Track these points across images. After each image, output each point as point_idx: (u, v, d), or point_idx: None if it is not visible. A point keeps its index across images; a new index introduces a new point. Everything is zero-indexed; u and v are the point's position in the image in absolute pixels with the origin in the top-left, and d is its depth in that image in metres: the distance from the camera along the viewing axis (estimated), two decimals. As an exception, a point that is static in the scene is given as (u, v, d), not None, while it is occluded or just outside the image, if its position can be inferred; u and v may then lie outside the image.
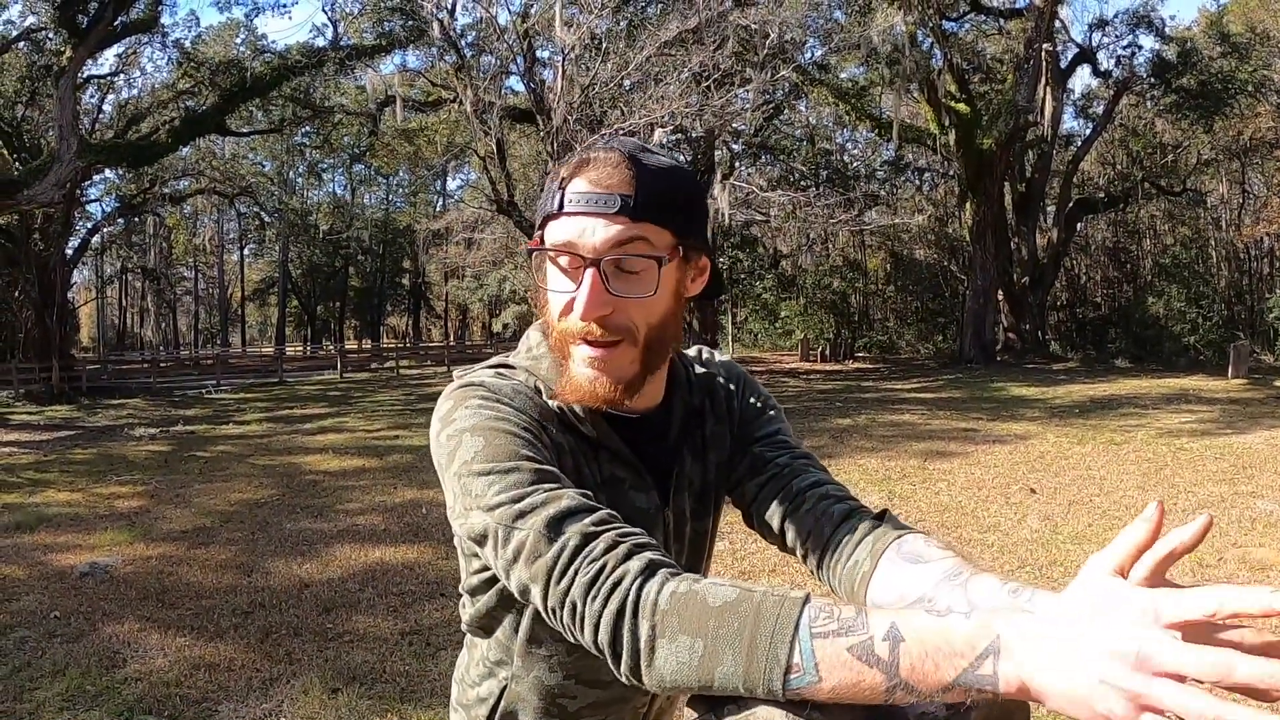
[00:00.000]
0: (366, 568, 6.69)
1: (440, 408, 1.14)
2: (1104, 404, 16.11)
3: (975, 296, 28.69)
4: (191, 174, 36.89)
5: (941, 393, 19.86)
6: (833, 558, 1.15)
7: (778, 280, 36.90)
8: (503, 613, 1.25)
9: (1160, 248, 37.37)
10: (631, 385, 1.16)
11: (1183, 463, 10.02)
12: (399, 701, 4.28)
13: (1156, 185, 33.49)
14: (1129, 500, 8.31)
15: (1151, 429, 12.66)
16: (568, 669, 1.25)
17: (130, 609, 5.70)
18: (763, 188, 25.83)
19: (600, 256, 1.08)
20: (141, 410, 19.86)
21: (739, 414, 1.34)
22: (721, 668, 0.84)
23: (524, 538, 0.98)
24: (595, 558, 0.94)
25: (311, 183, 53.34)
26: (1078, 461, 10.39)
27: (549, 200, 1.12)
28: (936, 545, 1.08)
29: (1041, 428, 13.30)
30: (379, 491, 9.63)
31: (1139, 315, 31.46)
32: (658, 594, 0.90)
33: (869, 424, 14.51)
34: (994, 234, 28.68)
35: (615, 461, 1.20)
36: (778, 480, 1.24)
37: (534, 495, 1.01)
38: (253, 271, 61.04)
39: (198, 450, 13.06)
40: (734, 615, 0.85)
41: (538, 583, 0.97)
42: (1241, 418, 13.53)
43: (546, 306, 1.16)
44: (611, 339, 1.11)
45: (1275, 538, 6.76)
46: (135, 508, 8.93)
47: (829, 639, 0.81)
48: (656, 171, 1.12)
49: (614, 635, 0.90)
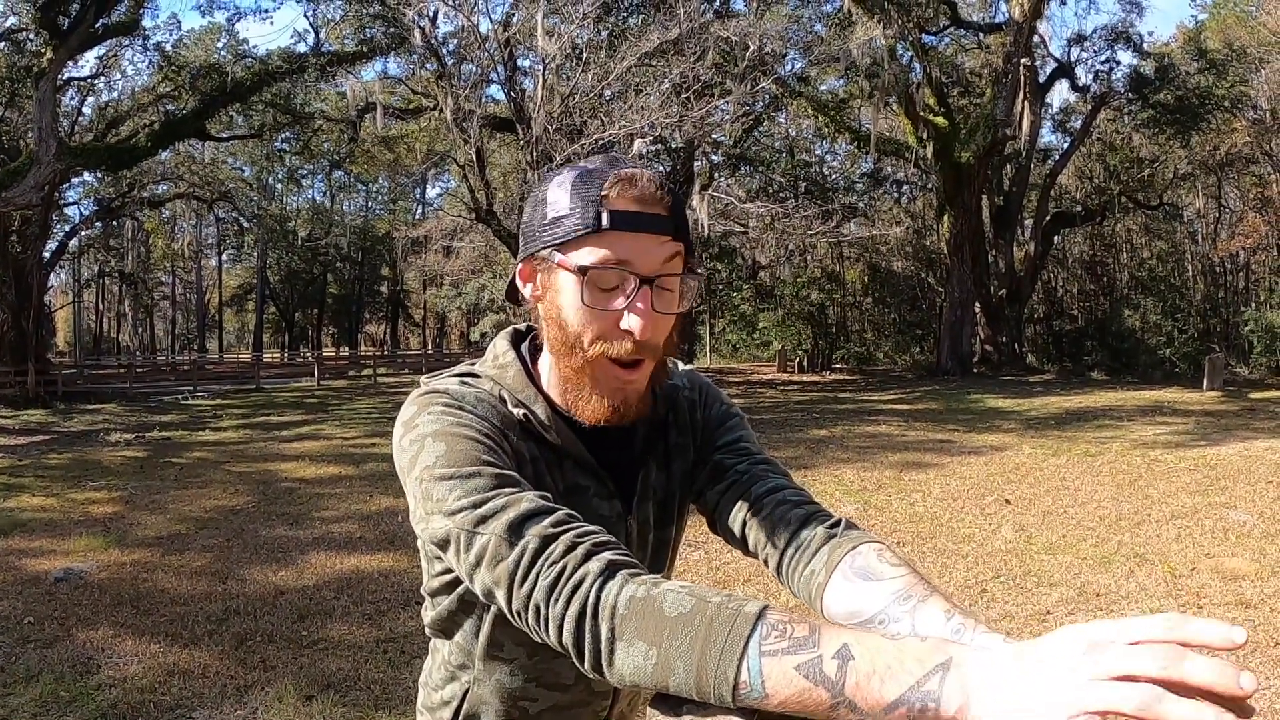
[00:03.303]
0: (341, 575, 6.69)
1: (404, 413, 1.16)
2: (1080, 416, 16.25)
3: (952, 309, 28.88)
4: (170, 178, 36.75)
5: (918, 404, 19.97)
6: (791, 564, 1.17)
7: (756, 291, 37.04)
8: (463, 616, 1.28)
9: (1136, 261, 37.73)
10: (645, 400, 1.20)
11: (1157, 474, 10.12)
12: (373, 709, 4.29)
13: (1133, 199, 33.79)
14: (1103, 511, 8.40)
15: (1126, 440, 12.78)
16: (528, 672, 1.28)
17: (104, 615, 5.68)
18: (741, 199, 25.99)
19: (653, 275, 1.11)
20: (117, 416, 19.72)
21: (702, 424, 1.36)
22: (674, 677, 0.87)
23: (486, 542, 1.01)
24: (555, 560, 0.97)
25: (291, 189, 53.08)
26: (1053, 473, 10.48)
27: (574, 217, 1.10)
28: (889, 560, 1.10)
29: (1017, 439, 13.40)
30: (355, 499, 9.62)
31: (1115, 328, 31.73)
32: (616, 597, 0.92)
33: (845, 435, 14.57)
34: (971, 246, 28.89)
35: (579, 470, 1.22)
36: (738, 486, 1.27)
37: (494, 500, 1.03)
38: (231, 277, 60.70)
39: (173, 456, 12.98)
40: (687, 629, 0.87)
41: (501, 586, 1.00)
42: (1216, 430, 13.68)
43: (563, 329, 1.15)
44: (639, 358, 1.14)
45: (1248, 548, 6.86)
46: (110, 513, 8.88)
47: (778, 657, 0.83)
48: (677, 194, 1.15)
49: (577, 636, 0.93)
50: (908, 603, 1.03)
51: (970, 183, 28.05)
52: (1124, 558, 6.76)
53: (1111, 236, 37.86)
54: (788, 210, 26.72)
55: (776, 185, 31.13)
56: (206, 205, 42.31)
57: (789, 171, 32.46)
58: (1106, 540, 7.32)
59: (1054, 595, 5.90)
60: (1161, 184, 33.77)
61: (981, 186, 29.51)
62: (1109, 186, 33.65)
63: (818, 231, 26.40)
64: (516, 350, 1.27)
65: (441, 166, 38.86)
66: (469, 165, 23.46)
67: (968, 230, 28.65)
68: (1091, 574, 6.39)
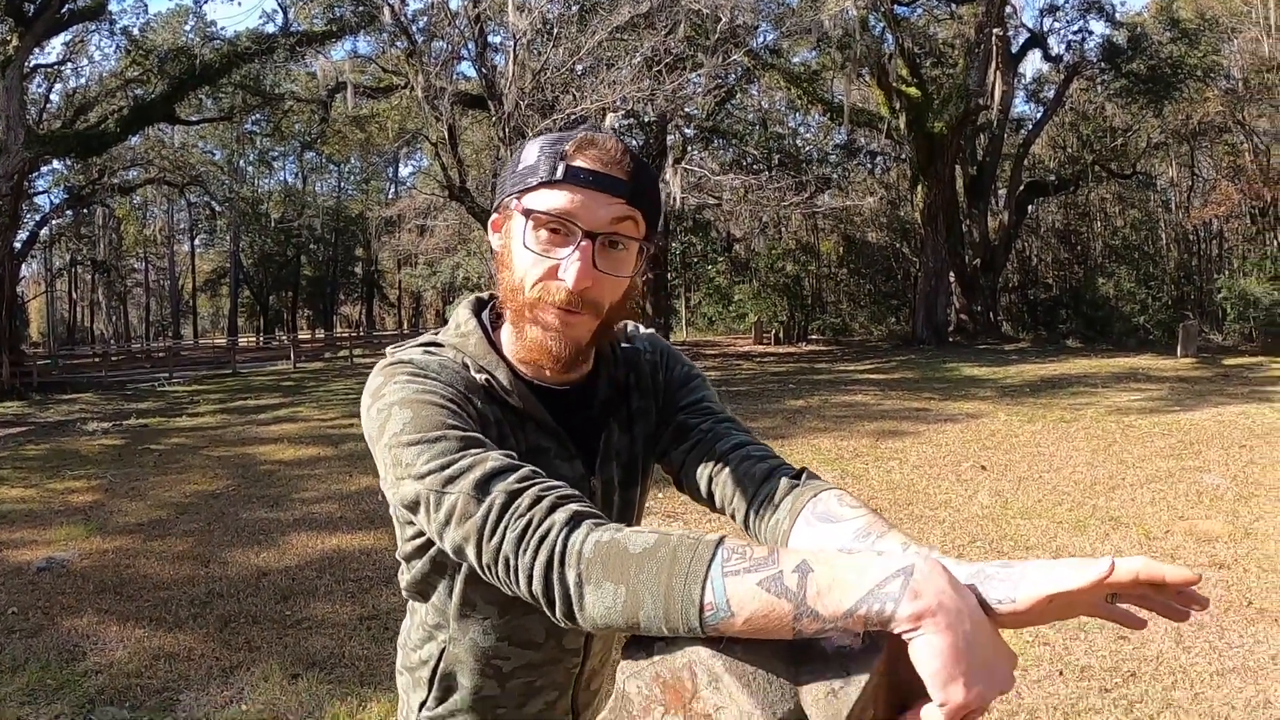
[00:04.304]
0: (323, 555, 6.72)
1: (371, 384, 1.20)
2: (1054, 383, 16.38)
3: (927, 278, 29.00)
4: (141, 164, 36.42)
5: (894, 373, 20.06)
6: (757, 515, 1.21)
7: (731, 264, 37.11)
8: (436, 578, 1.31)
9: (1110, 230, 37.91)
10: (581, 353, 1.23)
11: (1131, 439, 10.23)
12: (358, 685, 4.35)
13: (1106, 168, 33.95)
14: (1079, 476, 8.51)
15: (1101, 407, 12.90)
16: (500, 631, 1.31)
17: (88, 602, 5.69)
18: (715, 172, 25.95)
19: (598, 231, 1.15)
20: (94, 405, 19.60)
21: (664, 386, 1.40)
22: (644, 610, 0.90)
23: (454, 501, 1.04)
24: (522, 513, 1.00)
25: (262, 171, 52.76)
26: (1028, 439, 10.59)
27: (538, 168, 1.17)
28: (849, 503, 1.14)
29: (993, 406, 13.51)
30: (334, 480, 9.63)
31: (1089, 296, 31.93)
32: (582, 543, 0.95)
33: (822, 405, 14.66)
34: (945, 216, 29.00)
35: (541, 432, 1.25)
36: (703, 445, 1.31)
37: (461, 460, 1.06)
38: (204, 262, 60.20)
39: (151, 443, 12.93)
40: (652, 561, 0.90)
41: (470, 542, 1.03)
42: (1189, 395, 13.81)
43: (510, 271, 1.21)
44: (581, 311, 1.18)
45: (1221, 511, 6.97)
46: (90, 502, 8.86)
47: (740, 576, 0.86)
48: (645, 166, 1.21)
49: (546, 585, 0.96)
50: (867, 539, 1.07)
51: (944, 153, 28.11)
52: (1099, 521, 6.87)
53: (1085, 205, 38.05)
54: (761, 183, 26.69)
55: (750, 158, 31.08)
56: (178, 190, 42.00)
57: (762, 144, 32.44)
58: (1082, 504, 7.43)
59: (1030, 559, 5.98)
60: (1135, 153, 33.95)
61: (955, 157, 29.58)
62: (1082, 156, 33.80)
63: (791, 203, 26.40)
64: (478, 318, 1.31)
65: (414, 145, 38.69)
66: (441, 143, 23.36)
67: (941, 200, 28.74)
68: (1067, 537, 6.49)
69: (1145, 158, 34.53)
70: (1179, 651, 4.46)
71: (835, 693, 0.83)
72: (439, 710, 1.39)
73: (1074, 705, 3.97)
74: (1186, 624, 4.74)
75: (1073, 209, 38.58)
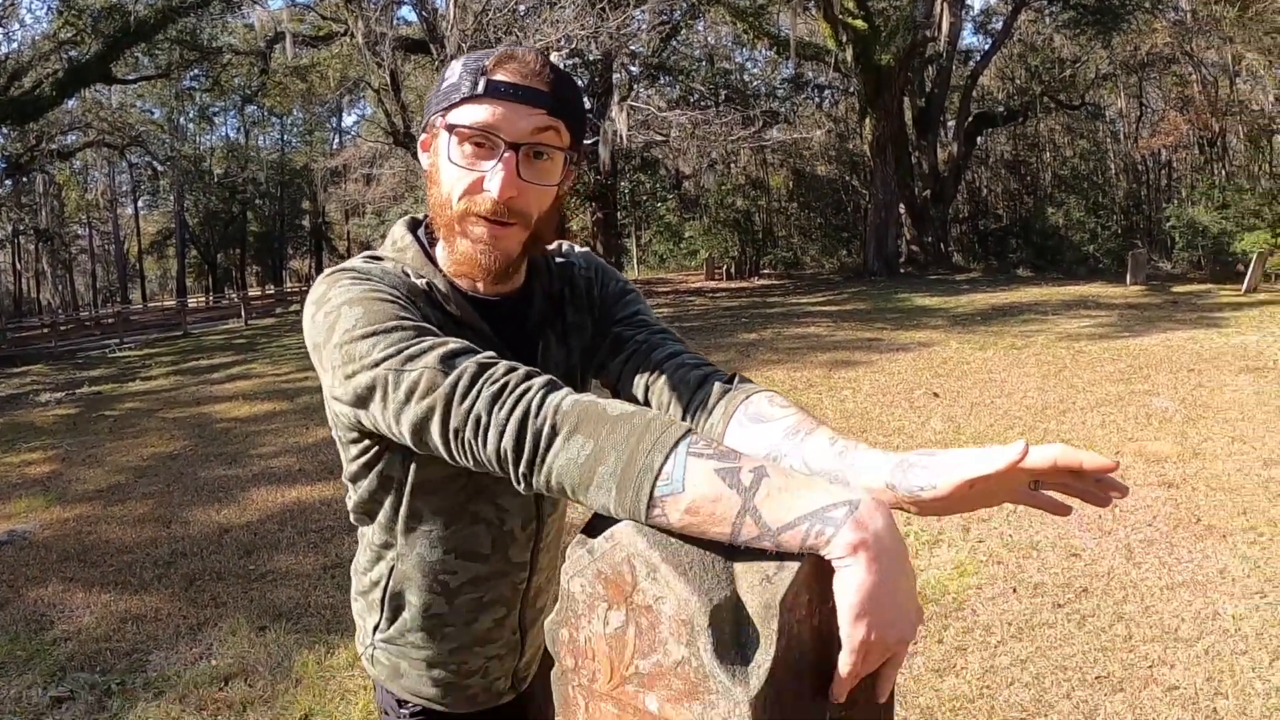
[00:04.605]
0: (284, 508, 6.73)
1: (314, 293, 1.20)
2: (1005, 311, 16.53)
3: (877, 210, 29.07)
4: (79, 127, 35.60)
5: (846, 305, 20.15)
6: (692, 420, 1.24)
7: (680, 201, 37.02)
8: (383, 494, 1.33)
9: (1060, 160, 38.13)
10: (512, 264, 1.26)
11: (1081, 364, 10.37)
12: (325, 633, 4.40)
13: (1055, 99, 34.00)
14: (1029, 401, 8.63)
15: (1051, 334, 13.03)
16: (446, 543, 1.34)
17: (52, 571, 5.67)
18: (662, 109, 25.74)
19: (520, 142, 1.17)
20: (45, 376, 19.25)
21: (599, 300, 1.43)
22: (604, 467, 0.93)
23: (417, 376, 1.05)
24: (497, 378, 1.03)
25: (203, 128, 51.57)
26: (979, 366, 10.72)
27: (461, 84, 1.19)
28: (779, 404, 1.18)
29: (944, 335, 13.63)
30: (291, 433, 9.60)
31: (1039, 226, 32.19)
32: (561, 399, 0.99)
33: (775, 337, 14.74)
34: (894, 149, 29.00)
35: (478, 340, 1.25)
36: (638, 355, 1.34)
37: (421, 343, 1.08)
38: (148, 224, 58.97)
39: (106, 410, 12.77)
40: (626, 425, 0.94)
41: (437, 408, 1.04)
42: (1139, 322, 13.97)
43: (439, 186, 1.23)
44: (509, 221, 1.20)
45: (1170, 432, 7.10)
46: (48, 473, 8.74)
47: (702, 459, 0.90)
48: (567, 77, 1.23)
49: (518, 436, 0.99)
50: (796, 437, 1.10)
51: (891, 85, 28.03)
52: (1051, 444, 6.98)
53: (1034, 136, 38.16)
54: (709, 118, 26.56)
55: (696, 94, 30.86)
56: (118, 152, 41.12)
57: (709, 80, 32.23)
58: (1033, 428, 7.55)
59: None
60: (1083, 84, 33.98)
61: (903, 89, 29.53)
62: (1031, 87, 33.81)
63: (739, 138, 26.32)
64: (414, 234, 1.33)
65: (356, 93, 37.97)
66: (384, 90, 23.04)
67: (890, 132, 28.73)
68: (1019, 459, 6.60)
69: (1094, 89, 34.59)
70: (1130, 567, 4.58)
71: (769, 578, 0.87)
72: (391, 632, 1.43)
73: (1028, 620, 4.09)
74: (1136, 540, 4.90)
75: (1022, 140, 38.69)
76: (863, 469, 1.02)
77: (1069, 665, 3.68)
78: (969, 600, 4.35)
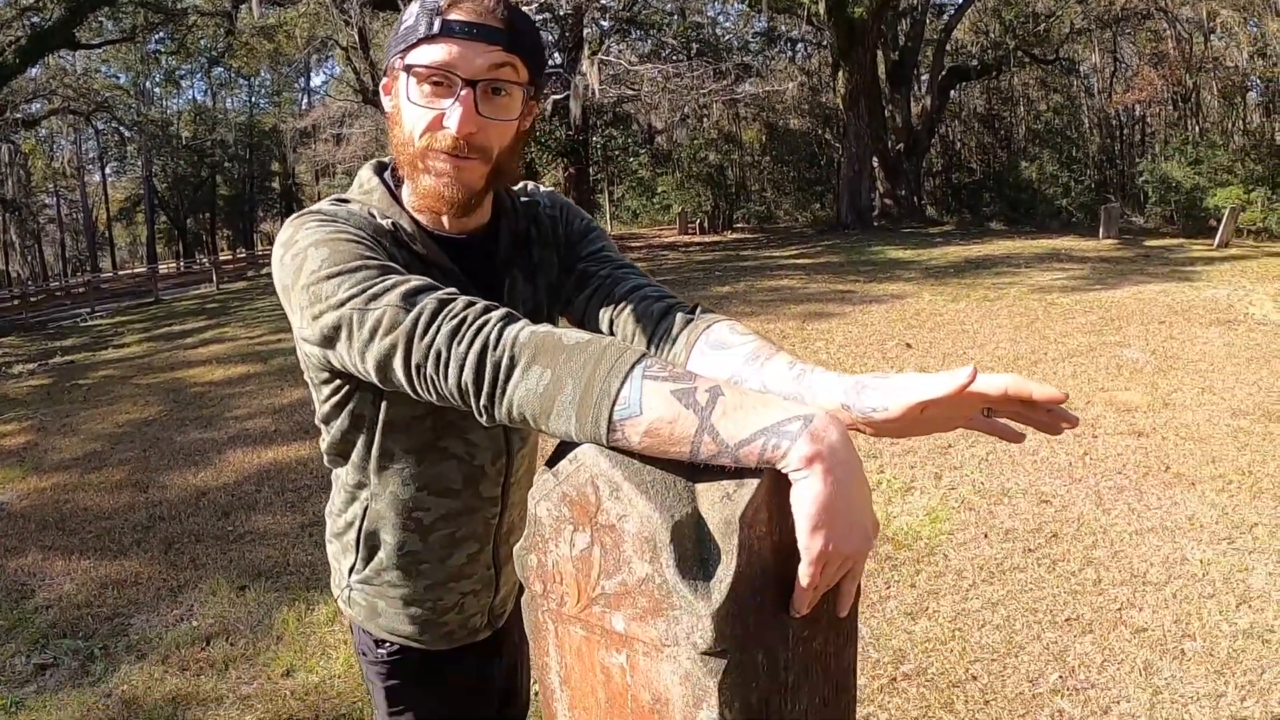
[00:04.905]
0: (261, 469, 6.74)
1: (281, 236, 1.22)
2: (978, 264, 16.53)
3: (850, 164, 28.97)
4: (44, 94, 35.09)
5: (819, 258, 20.11)
6: (656, 351, 1.27)
7: (653, 156, 36.79)
8: (355, 434, 1.36)
9: (1033, 114, 38.00)
10: (475, 199, 1.27)
11: (1054, 316, 10.42)
12: (304, 589, 4.43)
13: (1029, 54, 33.81)
14: (1001, 351, 8.71)
15: (1024, 286, 13.05)
16: (419, 480, 1.37)
17: (31, 541, 5.65)
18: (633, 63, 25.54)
19: (477, 79, 1.19)
20: (16, 347, 19.03)
21: (564, 238, 1.45)
22: (562, 395, 0.95)
23: (380, 314, 1.07)
24: (457, 313, 1.05)
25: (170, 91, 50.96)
26: (952, 317, 10.77)
27: (417, 26, 1.20)
28: (739, 331, 1.22)
29: (917, 287, 13.64)
30: (266, 395, 9.56)
31: (1013, 179, 32.19)
32: (519, 332, 1.01)
33: (748, 290, 14.72)
34: (868, 102, 28.86)
35: (445, 278, 1.28)
36: (602, 290, 1.37)
37: (384, 281, 1.10)
38: (117, 191, 58.17)
39: (80, 379, 12.65)
40: (581, 353, 0.96)
41: (399, 345, 1.06)
42: (1111, 274, 13.99)
43: (400, 127, 1.25)
44: (469, 156, 1.22)
45: (1140, 383, 7.19)
46: (22, 444, 8.66)
47: (658, 382, 0.92)
48: (522, 14, 1.24)
49: (478, 369, 1.01)
50: (755, 362, 1.14)
51: (864, 38, 27.84)
52: (1021, 393, 7.04)
53: (1008, 90, 38.03)
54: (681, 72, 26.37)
55: (668, 48, 30.61)
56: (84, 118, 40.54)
57: (681, 33, 31.91)
58: (1005, 377, 7.60)
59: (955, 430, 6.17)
60: (1057, 38, 33.76)
61: (876, 42, 29.33)
62: (1005, 41, 33.62)
63: (711, 91, 26.15)
64: (380, 177, 1.35)
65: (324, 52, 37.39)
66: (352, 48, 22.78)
67: (863, 86, 28.58)
68: (991, 408, 6.67)
69: (1068, 43, 34.37)
70: (1099, 514, 4.67)
71: (730, 495, 0.89)
72: (367, 572, 1.46)
73: (999, 565, 4.16)
74: (1106, 488, 4.98)
75: (995, 94, 38.57)
76: (819, 390, 1.05)
77: (1039, 608, 3.75)
78: (941, 545, 4.42)
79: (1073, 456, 5.55)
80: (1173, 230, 24.03)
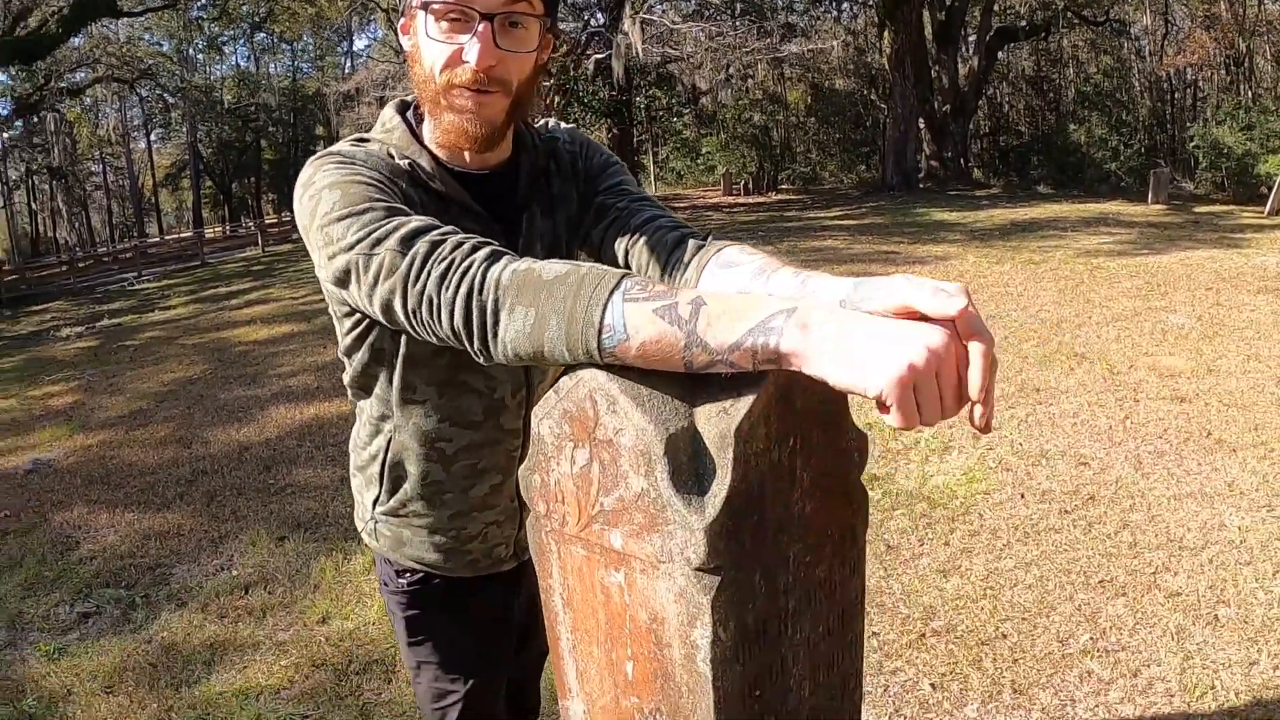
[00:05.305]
0: (302, 424, 6.85)
1: (301, 177, 1.24)
2: (1024, 227, 16.28)
3: (896, 125, 28.59)
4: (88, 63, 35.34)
5: (864, 219, 19.93)
6: (669, 278, 1.27)
7: (697, 117, 36.53)
8: (376, 367, 1.38)
9: (1083, 77, 37.29)
10: (497, 132, 1.28)
11: (1099, 280, 10.24)
12: (342, 540, 4.50)
13: (1079, 15, 33.11)
14: (1045, 314, 8.57)
15: (1070, 249, 12.83)
16: (441, 411, 1.39)
17: (77, 495, 5.78)
18: (676, 22, 25.26)
19: (494, 12, 1.20)
20: (65, 312, 19.35)
21: (584, 173, 1.46)
22: (549, 332, 0.95)
23: (381, 259, 1.09)
24: (444, 256, 1.05)
25: (213, 57, 51.08)
26: (996, 279, 10.63)
27: None
28: (748, 251, 1.22)
29: (962, 249, 13.48)
30: (309, 353, 9.68)
31: (1061, 142, 31.59)
32: (501, 272, 1.01)
33: (791, 250, 14.56)
34: (914, 63, 28.43)
35: (465, 215, 1.30)
36: (619, 222, 1.37)
37: (386, 225, 1.11)
38: (162, 157, 58.69)
39: (126, 340, 12.86)
40: (561, 286, 0.96)
41: (397, 292, 1.08)
42: (1159, 240, 13.72)
43: (420, 64, 1.25)
44: (490, 89, 1.23)
45: (1184, 348, 7.06)
46: (70, 403, 8.85)
47: (639, 303, 0.91)
48: None
49: (466, 315, 1.02)
50: (763, 276, 1.14)
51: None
52: (1064, 357, 6.97)
53: (1057, 52, 37.35)
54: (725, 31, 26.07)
55: (712, 7, 30.24)
56: (128, 86, 40.80)
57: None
58: (1048, 341, 7.52)
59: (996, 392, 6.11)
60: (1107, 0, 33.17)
61: (922, 1, 28.89)
62: (1054, 1, 32.99)
63: (755, 50, 25.84)
64: (402, 116, 1.36)
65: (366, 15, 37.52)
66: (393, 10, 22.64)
67: (909, 46, 28.15)
68: (1033, 372, 6.61)
69: (1118, 4, 33.63)
70: (1138, 477, 4.61)
71: (726, 410, 0.89)
72: (391, 503, 1.48)
73: (1035, 525, 4.13)
74: (1146, 452, 4.94)
75: (1044, 55, 37.87)
76: (821, 291, 1.03)
77: (1073, 569, 3.72)
78: (976, 505, 4.39)
79: (1113, 420, 5.48)
80: (1223, 197, 23.56)
